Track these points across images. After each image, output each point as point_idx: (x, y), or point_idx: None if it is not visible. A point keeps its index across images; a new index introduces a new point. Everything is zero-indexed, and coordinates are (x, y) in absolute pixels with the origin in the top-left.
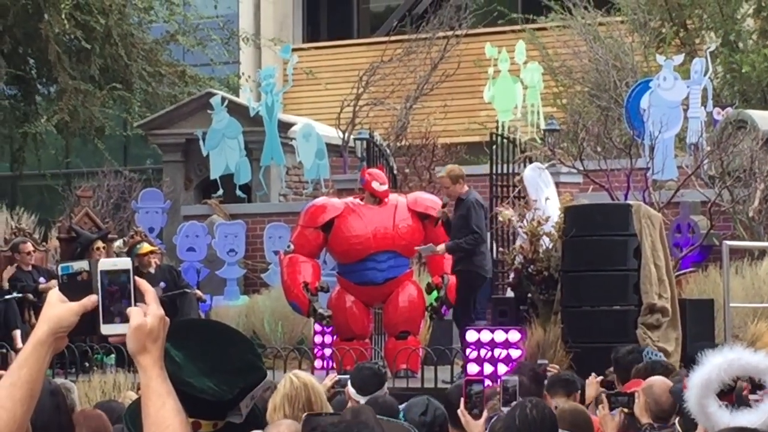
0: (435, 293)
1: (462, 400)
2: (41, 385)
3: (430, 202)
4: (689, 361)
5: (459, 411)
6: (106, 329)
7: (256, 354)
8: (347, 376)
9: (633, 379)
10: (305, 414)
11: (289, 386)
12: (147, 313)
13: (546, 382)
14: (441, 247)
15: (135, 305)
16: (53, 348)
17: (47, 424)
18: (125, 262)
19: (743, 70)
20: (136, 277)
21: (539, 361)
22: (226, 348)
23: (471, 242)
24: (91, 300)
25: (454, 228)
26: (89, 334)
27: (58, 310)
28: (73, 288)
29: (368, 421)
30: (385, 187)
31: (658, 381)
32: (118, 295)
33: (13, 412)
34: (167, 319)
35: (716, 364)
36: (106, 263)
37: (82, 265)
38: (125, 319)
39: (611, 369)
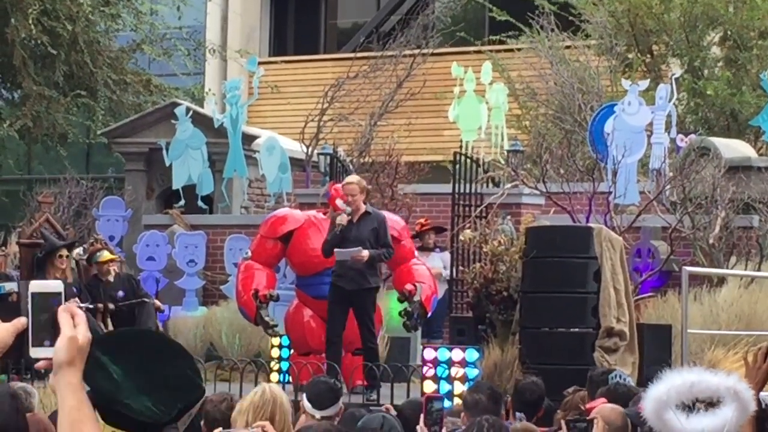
0: (405, 304)
1: (422, 416)
2: None
3: (393, 222)
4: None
5: (418, 427)
6: (34, 352)
7: (195, 370)
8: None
9: (597, 398)
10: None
11: (259, 396)
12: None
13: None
14: (366, 252)
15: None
16: None
17: (6, 426)
18: (56, 285)
19: (707, 92)
20: (67, 303)
21: None
22: (166, 363)
23: (387, 256)
24: (21, 321)
25: (359, 239)
26: (19, 357)
27: None
28: (3, 309)
29: None
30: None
31: (610, 406)
32: (48, 318)
33: None
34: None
35: (675, 386)
36: (36, 285)
37: (12, 286)
38: (53, 343)
39: (569, 390)
